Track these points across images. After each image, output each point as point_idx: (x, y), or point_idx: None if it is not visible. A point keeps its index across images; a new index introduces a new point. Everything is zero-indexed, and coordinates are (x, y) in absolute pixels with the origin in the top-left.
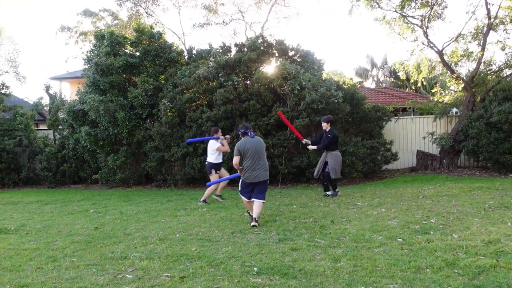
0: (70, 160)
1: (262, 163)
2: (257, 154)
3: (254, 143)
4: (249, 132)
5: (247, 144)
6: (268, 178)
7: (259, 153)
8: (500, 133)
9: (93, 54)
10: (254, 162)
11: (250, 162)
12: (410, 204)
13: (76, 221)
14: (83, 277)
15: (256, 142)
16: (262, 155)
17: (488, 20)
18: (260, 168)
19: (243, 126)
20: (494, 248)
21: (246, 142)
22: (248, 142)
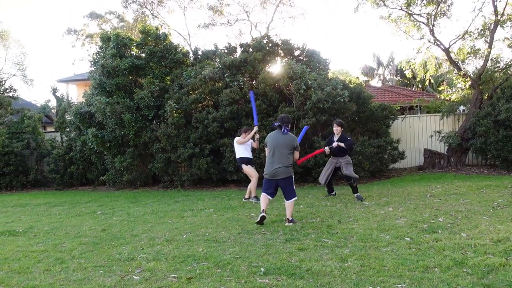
0: (78, 162)
1: (280, 159)
2: (276, 149)
3: (277, 137)
4: (283, 127)
5: (270, 137)
6: (286, 176)
7: (279, 148)
8: (509, 131)
9: (99, 56)
10: (272, 157)
11: (268, 156)
12: (418, 203)
13: (83, 222)
14: (90, 279)
15: (281, 137)
16: (282, 151)
17: (495, 17)
18: (277, 164)
19: (280, 118)
20: (503, 246)
21: (271, 134)
22: (272, 135)
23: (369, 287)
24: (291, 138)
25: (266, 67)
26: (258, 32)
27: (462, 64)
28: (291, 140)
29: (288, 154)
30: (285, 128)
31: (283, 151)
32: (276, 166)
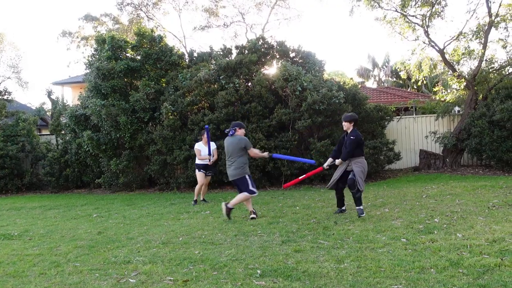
0: (73, 165)
1: (232, 162)
2: (228, 152)
3: (228, 141)
4: (231, 130)
5: (224, 142)
6: (238, 178)
7: (230, 151)
8: (503, 131)
9: (95, 58)
10: (227, 160)
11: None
12: (414, 203)
13: (79, 225)
14: (86, 282)
15: (230, 140)
16: (233, 154)
17: (489, 18)
18: (229, 166)
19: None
20: (499, 247)
21: (225, 139)
22: (226, 140)
23: None
24: (238, 139)
25: (262, 69)
26: (254, 34)
27: (456, 65)
28: (238, 141)
29: (239, 156)
30: (231, 129)
31: (233, 154)
32: (229, 169)
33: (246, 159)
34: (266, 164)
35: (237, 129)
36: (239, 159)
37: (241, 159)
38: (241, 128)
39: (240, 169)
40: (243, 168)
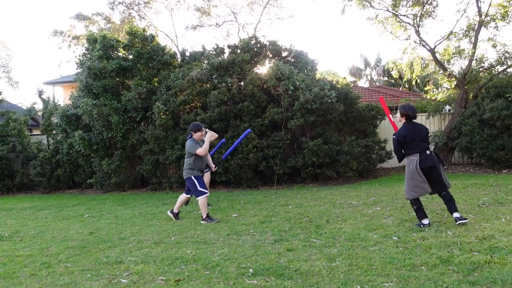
0: (64, 165)
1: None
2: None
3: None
4: (189, 133)
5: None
6: (186, 178)
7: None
8: (493, 130)
9: (86, 58)
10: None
11: None
12: (405, 202)
13: (70, 226)
14: (77, 283)
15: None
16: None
17: (479, 18)
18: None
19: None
20: (488, 244)
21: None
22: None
23: (357, 286)
24: (188, 142)
25: (254, 68)
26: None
27: (447, 64)
28: (187, 143)
29: (187, 158)
30: (189, 134)
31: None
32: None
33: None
34: (259, 164)
35: (193, 134)
36: (188, 161)
37: (189, 160)
38: (196, 132)
39: (188, 170)
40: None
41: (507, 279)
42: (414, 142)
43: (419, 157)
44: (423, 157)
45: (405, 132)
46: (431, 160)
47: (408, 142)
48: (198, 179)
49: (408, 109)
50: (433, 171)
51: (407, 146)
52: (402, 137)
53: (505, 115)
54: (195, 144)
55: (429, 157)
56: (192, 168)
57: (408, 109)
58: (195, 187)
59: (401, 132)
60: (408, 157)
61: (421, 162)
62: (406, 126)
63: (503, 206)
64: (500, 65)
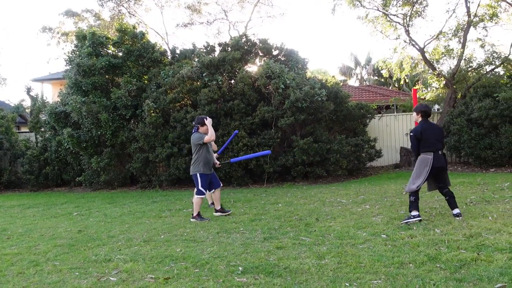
0: (53, 163)
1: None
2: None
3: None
4: (194, 127)
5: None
6: (191, 174)
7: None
8: (481, 129)
9: (75, 54)
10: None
11: None
12: (394, 200)
13: (59, 224)
14: (66, 281)
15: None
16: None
17: (468, 18)
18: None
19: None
20: (475, 241)
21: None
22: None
23: (346, 283)
24: (192, 136)
25: (245, 66)
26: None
27: (436, 63)
28: (192, 137)
29: (194, 153)
30: (194, 128)
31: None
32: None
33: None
34: (249, 162)
35: (199, 127)
36: (193, 156)
37: (196, 156)
38: (203, 126)
39: (193, 166)
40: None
41: (493, 276)
42: (430, 140)
43: (433, 156)
44: (436, 157)
45: (421, 128)
46: (443, 160)
47: (424, 139)
48: (202, 177)
49: (424, 106)
50: (442, 170)
51: (423, 143)
52: (419, 133)
53: (493, 115)
54: (201, 135)
55: (441, 157)
56: (199, 162)
57: (424, 107)
58: (196, 184)
59: (417, 128)
60: (422, 154)
61: (434, 162)
62: (423, 124)
63: (490, 204)
64: (488, 65)
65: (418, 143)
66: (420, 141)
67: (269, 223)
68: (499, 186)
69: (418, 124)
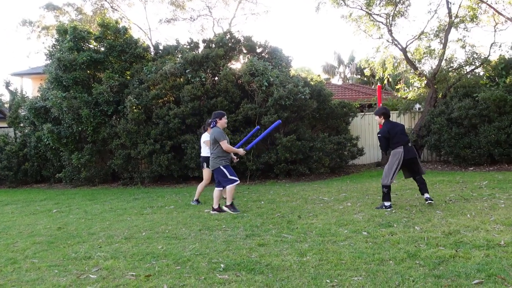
0: (32, 159)
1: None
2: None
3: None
4: (212, 122)
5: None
6: (214, 169)
7: (209, 142)
8: (461, 128)
9: (56, 49)
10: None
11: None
12: (375, 198)
13: (38, 221)
14: (44, 279)
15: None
16: (211, 146)
17: (449, 19)
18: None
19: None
20: (454, 239)
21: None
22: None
23: (327, 280)
24: (213, 131)
25: (228, 63)
26: (221, 28)
27: (418, 63)
28: (212, 132)
29: (212, 148)
30: (213, 122)
31: (211, 145)
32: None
33: (219, 150)
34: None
35: (217, 120)
36: (213, 151)
37: (216, 150)
38: (221, 118)
39: (216, 160)
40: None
41: (471, 273)
42: (397, 136)
43: (404, 149)
44: (406, 149)
45: (387, 128)
46: (413, 152)
47: (392, 136)
48: (227, 168)
49: (384, 108)
50: (414, 161)
51: (392, 140)
52: (387, 132)
53: (472, 114)
54: (222, 132)
55: (410, 149)
56: (219, 156)
57: (384, 109)
58: (225, 176)
59: (384, 129)
60: (394, 149)
61: (405, 154)
62: (387, 124)
63: (468, 202)
64: (468, 66)
65: (387, 142)
66: (389, 139)
67: (251, 220)
68: (477, 184)
69: (383, 125)
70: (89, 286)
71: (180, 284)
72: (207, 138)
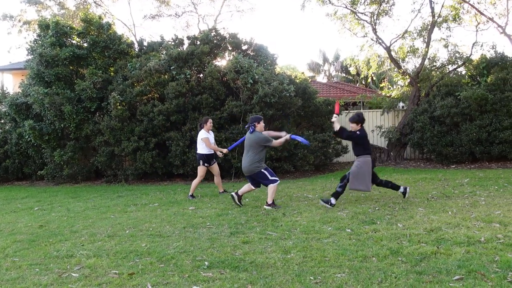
0: (13, 156)
1: (245, 158)
2: (245, 148)
3: (247, 138)
4: (250, 127)
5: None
6: (250, 174)
7: (247, 147)
8: (443, 127)
9: (37, 44)
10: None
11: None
12: (359, 195)
13: (19, 219)
14: (25, 278)
15: (248, 137)
16: (248, 150)
17: (432, 18)
18: (243, 163)
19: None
20: (436, 235)
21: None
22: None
23: (310, 277)
24: (255, 136)
25: (214, 60)
26: (206, 25)
27: (402, 62)
28: (255, 137)
29: (254, 153)
30: (251, 127)
31: (249, 149)
32: (243, 165)
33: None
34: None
35: (256, 124)
36: (255, 156)
37: (258, 156)
38: (259, 122)
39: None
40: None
41: (452, 269)
42: (367, 144)
43: (371, 158)
44: (372, 159)
45: (365, 134)
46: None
47: (365, 143)
48: (267, 170)
49: (361, 115)
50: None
51: (364, 146)
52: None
53: (454, 113)
54: (267, 137)
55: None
56: (260, 160)
57: (362, 116)
58: (267, 178)
59: (363, 133)
60: (364, 156)
61: (373, 162)
62: (362, 130)
63: (450, 199)
64: (451, 65)
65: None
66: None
67: (236, 218)
68: (459, 182)
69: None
70: (71, 285)
71: (163, 282)
72: (204, 136)
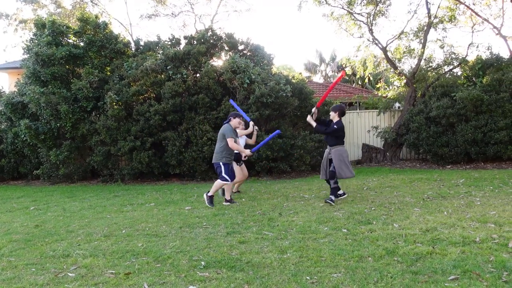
0: (9, 155)
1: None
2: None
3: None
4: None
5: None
6: (214, 162)
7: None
8: (439, 127)
9: (34, 43)
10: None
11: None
12: (355, 195)
13: (14, 219)
14: (21, 277)
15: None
16: (218, 141)
17: (429, 19)
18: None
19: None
20: (431, 236)
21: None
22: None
23: (307, 277)
24: (223, 127)
25: (210, 60)
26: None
27: (398, 62)
28: (222, 128)
29: (218, 144)
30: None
31: (218, 140)
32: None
33: (224, 147)
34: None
35: (231, 119)
36: (217, 146)
37: (220, 145)
38: (235, 118)
39: (218, 154)
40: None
41: (447, 269)
42: (343, 135)
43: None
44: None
45: (342, 125)
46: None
47: (342, 135)
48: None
49: (343, 108)
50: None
51: (341, 137)
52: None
53: (450, 113)
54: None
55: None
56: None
57: (343, 107)
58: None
59: (340, 124)
60: (341, 146)
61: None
62: (339, 122)
63: (445, 200)
64: (446, 65)
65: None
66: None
67: (232, 217)
68: (454, 182)
69: (339, 122)
70: (68, 285)
71: (160, 281)
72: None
